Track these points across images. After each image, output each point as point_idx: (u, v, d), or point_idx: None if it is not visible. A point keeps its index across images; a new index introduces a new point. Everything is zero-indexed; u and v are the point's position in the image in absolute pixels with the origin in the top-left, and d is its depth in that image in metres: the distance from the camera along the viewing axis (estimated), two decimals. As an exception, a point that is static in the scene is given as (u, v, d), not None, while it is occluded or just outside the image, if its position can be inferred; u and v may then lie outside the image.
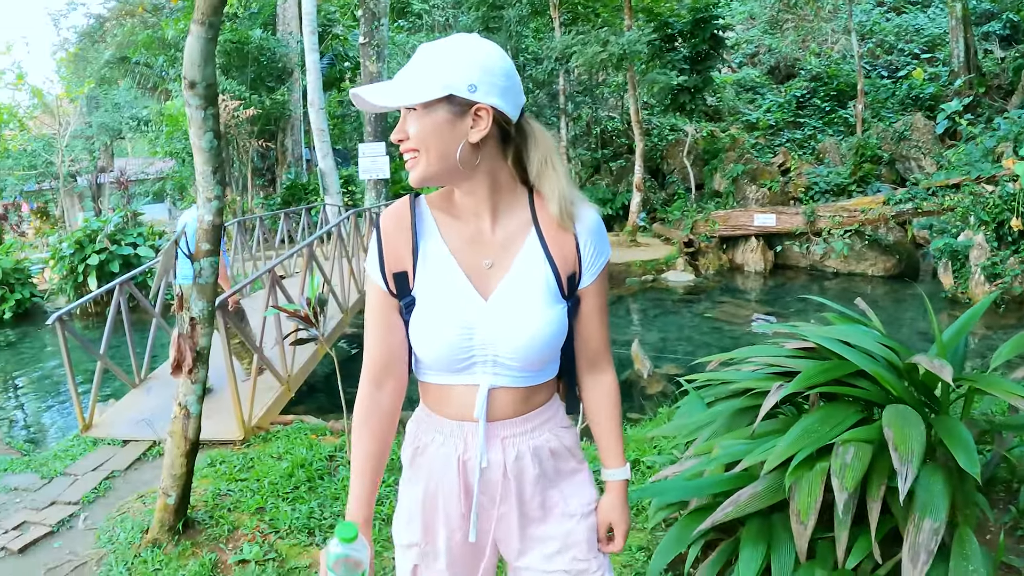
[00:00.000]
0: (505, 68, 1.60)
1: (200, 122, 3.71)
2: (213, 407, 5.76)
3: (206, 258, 3.92)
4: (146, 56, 22.25)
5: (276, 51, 20.93)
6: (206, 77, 3.67)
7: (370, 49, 16.93)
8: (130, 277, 7.92)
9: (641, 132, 17.55)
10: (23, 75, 27.11)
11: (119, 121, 25.75)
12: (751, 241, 16.33)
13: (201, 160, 3.77)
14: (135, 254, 15.81)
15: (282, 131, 22.10)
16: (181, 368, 3.95)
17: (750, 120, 20.16)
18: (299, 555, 3.96)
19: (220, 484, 4.84)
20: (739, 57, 24.24)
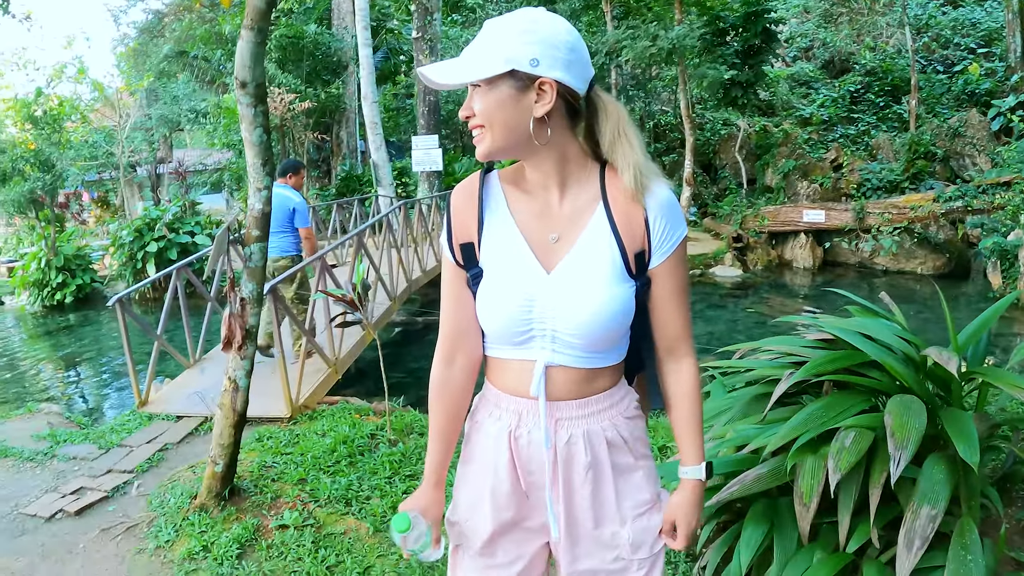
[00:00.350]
0: (569, 41, 1.57)
1: (251, 118, 3.99)
2: (263, 386, 6.06)
3: (256, 243, 4.19)
4: (204, 50, 22.68)
5: (331, 45, 21.22)
6: (256, 77, 3.94)
7: (423, 43, 17.15)
8: (187, 263, 8.26)
9: (692, 126, 17.54)
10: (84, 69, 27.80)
11: (178, 113, 26.32)
12: (800, 237, 16.30)
13: (252, 153, 4.06)
14: (192, 242, 16.27)
15: (337, 123, 22.39)
16: (231, 344, 4.25)
17: (803, 115, 20.00)
18: (335, 522, 4.23)
19: (266, 457, 5.14)
20: (793, 51, 24.00)
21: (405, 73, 25.55)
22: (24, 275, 18.22)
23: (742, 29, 17.16)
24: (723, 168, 20.10)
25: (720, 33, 17.44)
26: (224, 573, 3.81)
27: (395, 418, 5.73)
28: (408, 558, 3.16)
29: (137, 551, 4.22)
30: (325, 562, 3.81)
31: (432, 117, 17.61)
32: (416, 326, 12.18)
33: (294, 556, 3.90)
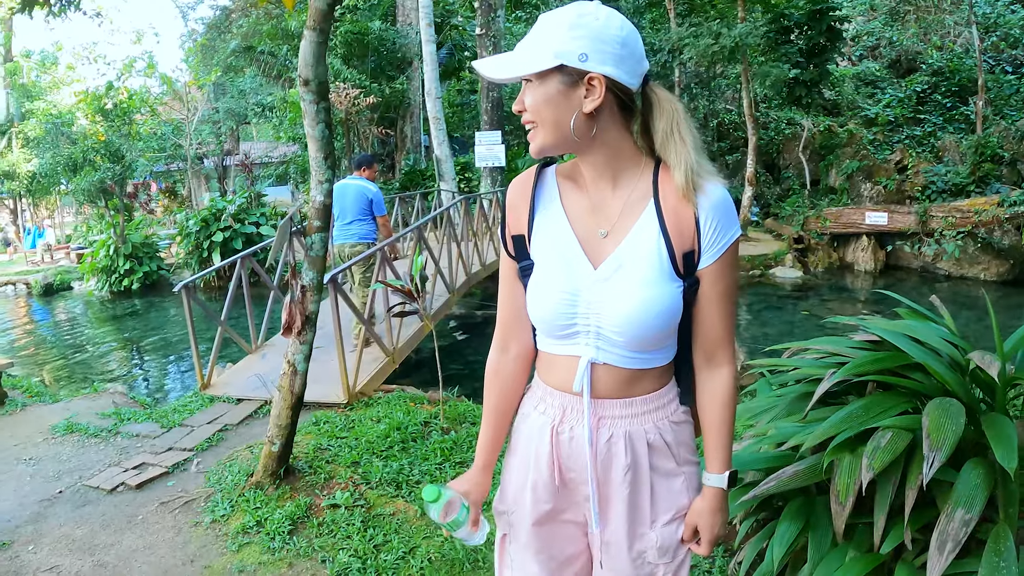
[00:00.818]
0: (620, 36, 1.55)
1: (313, 114, 4.16)
2: (322, 372, 6.25)
3: (317, 233, 4.35)
4: (270, 46, 22.99)
5: (395, 42, 21.41)
6: (318, 75, 4.10)
7: (487, 40, 17.24)
8: (251, 252, 8.50)
9: (755, 126, 17.36)
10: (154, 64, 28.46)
11: (244, 107, 26.74)
12: (862, 240, 16.09)
13: (314, 148, 4.23)
14: (257, 232, 16.65)
15: (402, 118, 22.57)
16: (291, 330, 4.42)
17: (868, 115, 19.67)
18: (385, 504, 4.39)
19: (322, 440, 5.33)
20: (859, 50, 23.55)
21: (469, 69, 25.68)
22: (93, 262, 18.79)
23: (807, 27, 16.96)
24: (786, 168, 19.87)
25: (784, 31, 17.25)
26: (275, 547, 3.99)
27: (449, 407, 5.89)
28: (447, 535, 3.26)
29: (193, 524, 4.43)
30: (372, 541, 3.96)
31: (495, 113, 17.69)
32: (475, 319, 12.32)
33: (343, 534, 4.06)
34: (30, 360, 12.76)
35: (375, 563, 3.74)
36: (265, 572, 3.81)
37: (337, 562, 3.78)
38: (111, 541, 4.40)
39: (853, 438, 2.59)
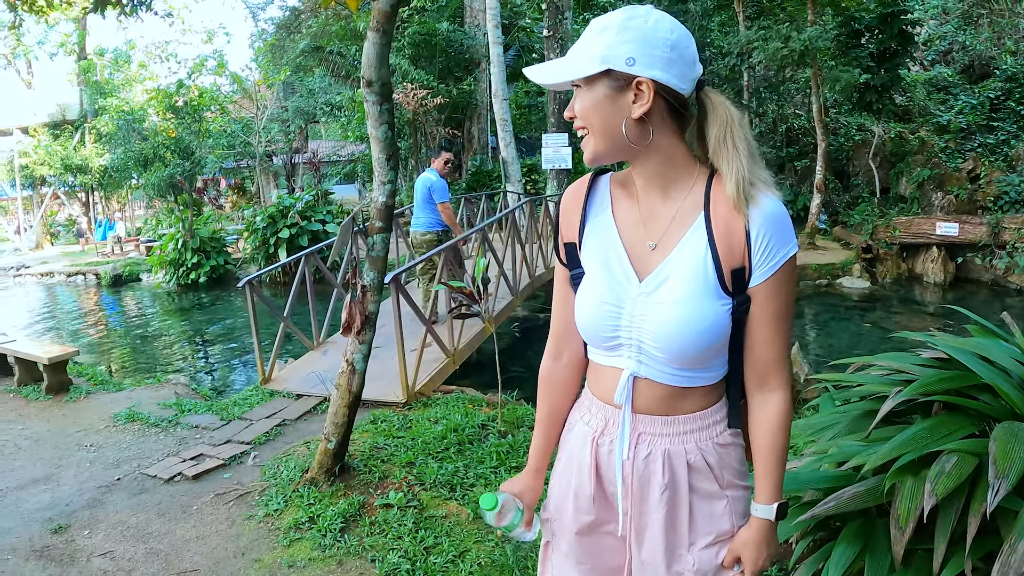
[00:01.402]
0: (670, 39, 1.50)
1: (376, 115, 4.18)
2: (382, 371, 6.29)
3: (379, 234, 4.37)
4: (339, 46, 23.20)
5: (463, 43, 21.49)
6: (381, 77, 4.13)
7: (554, 42, 17.18)
8: (316, 249, 8.61)
9: (824, 131, 17.02)
10: (224, 63, 28.94)
11: (313, 106, 26.99)
12: (932, 250, 15.67)
13: (377, 148, 4.25)
14: (323, 230, 16.80)
15: (469, 119, 22.63)
16: (351, 329, 4.46)
17: (940, 122, 19.15)
18: (438, 506, 4.39)
19: (378, 439, 5.36)
20: (931, 54, 22.93)
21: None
22: (161, 255, 19.22)
23: (878, 31, 16.55)
24: (856, 175, 19.44)
25: (855, 34, 16.88)
26: (326, 544, 4.02)
27: (507, 411, 5.86)
28: (500, 536, 3.25)
29: (247, 516, 4.49)
30: (423, 542, 3.96)
31: (562, 115, 17.65)
32: (538, 322, 12.27)
33: (395, 534, 4.06)
34: (96, 349, 13.10)
35: (424, 565, 3.74)
36: (315, 569, 3.84)
37: (387, 562, 3.79)
38: (165, 530, 4.48)
39: (916, 461, 2.51)
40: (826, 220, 17.89)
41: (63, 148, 31.91)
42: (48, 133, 33.04)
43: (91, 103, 33.06)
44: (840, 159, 19.51)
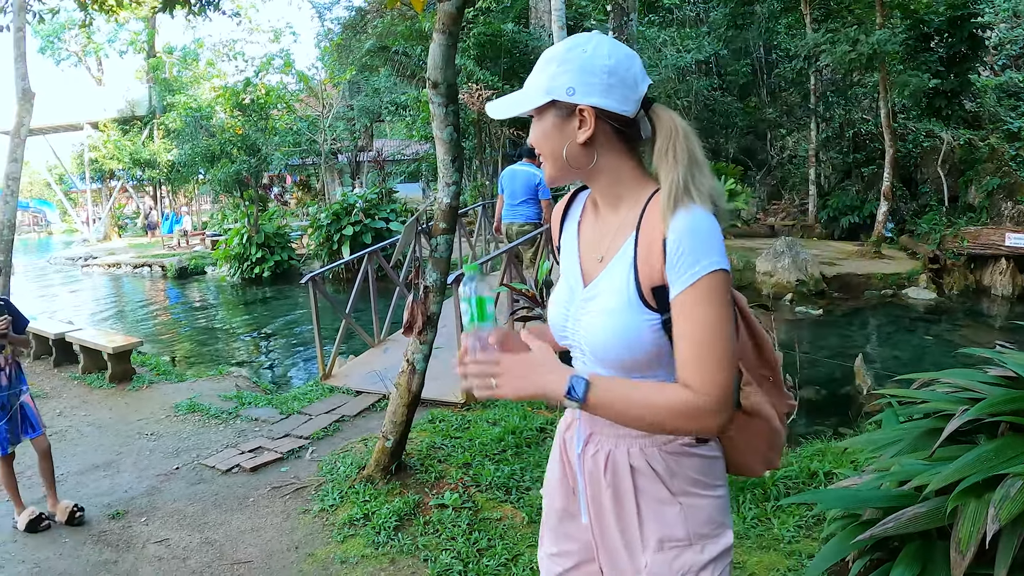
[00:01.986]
0: (608, 65, 1.57)
1: (442, 117, 4.19)
2: (441, 370, 6.32)
3: (443, 235, 4.39)
4: (404, 46, 23.29)
5: (528, 44, 21.46)
6: (447, 78, 4.14)
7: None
8: (380, 247, 8.69)
9: (892, 137, 16.63)
10: (291, 61, 29.34)
11: (378, 105, 27.17)
12: (1000, 262, 15.23)
13: (442, 150, 4.26)
14: (387, 228, 16.91)
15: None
16: (412, 329, 4.48)
17: (1011, 129, 18.61)
18: (493, 508, 4.38)
19: (436, 438, 5.38)
20: (1002, 59, 22.30)
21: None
22: (227, 249, 19.58)
23: (947, 34, 16.17)
24: (924, 183, 18.98)
25: (924, 38, 16.49)
26: (380, 542, 4.04)
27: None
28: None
29: (302, 511, 4.55)
30: (476, 544, 3.95)
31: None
32: (593, 327, 12.26)
33: (448, 535, 4.07)
34: (160, 339, 13.37)
35: (477, 567, 3.73)
36: (367, 566, 3.86)
37: (439, 562, 3.79)
38: (221, 520, 4.56)
39: (980, 483, 2.45)
40: (893, 228, 17.50)
41: (132, 143, 32.67)
42: (117, 128, 33.83)
43: (160, 100, 33.77)
44: (908, 166, 19.07)
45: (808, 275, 13.76)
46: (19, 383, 4.73)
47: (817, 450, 4.97)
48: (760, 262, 14.31)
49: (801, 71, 18.62)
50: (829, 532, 3.33)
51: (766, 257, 14.25)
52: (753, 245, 16.54)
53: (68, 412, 7.10)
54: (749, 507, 4.15)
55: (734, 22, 20.92)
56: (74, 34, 40.31)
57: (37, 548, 4.39)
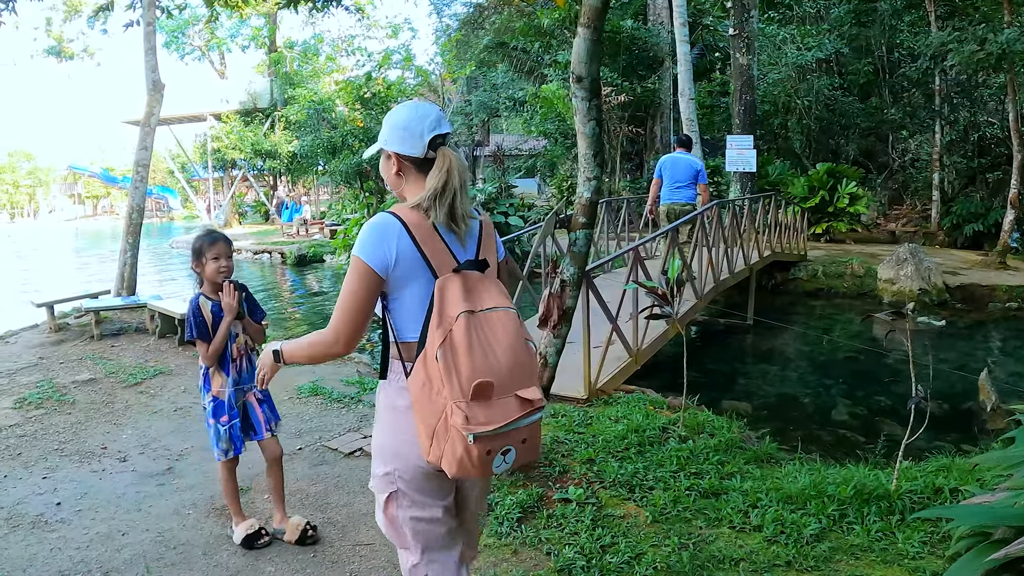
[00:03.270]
0: (403, 121, 2.37)
1: (585, 112, 4.19)
2: (564, 365, 6.32)
3: (582, 230, 4.40)
4: (522, 42, 23.39)
5: (647, 41, 21.33)
6: (591, 73, 4.14)
7: (740, 41, 16.79)
8: (505, 240, 8.72)
9: (1020, 142, 15.83)
10: (411, 56, 29.77)
11: (496, 101, 27.41)
12: None
13: (584, 145, 4.26)
14: (506, 222, 17.10)
15: (651, 118, 22.38)
16: (547, 323, 4.50)
17: None
18: (616, 505, 4.36)
19: (559, 433, 5.38)
20: None
21: (720, 71, 25.18)
22: (345, 238, 20.03)
23: (1079, 34, 15.31)
24: (1054, 189, 18.10)
25: (1056, 37, 15.68)
26: (503, 532, 4.06)
27: (688, 415, 5.77)
28: None
29: (425, 496, 4.59)
30: (600, 541, 3.93)
31: (747, 116, 17.13)
32: (717, 327, 12.12)
33: (571, 529, 4.06)
34: (281, 324, 13.71)
35: (600, 563, 3.71)
36: (489, 555, 3.88)
37: (562, 556, 3.78)
38: (343, 502, 4.65)
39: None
40: (1019, 238, 16.72)
41: (253, 134, 33.70)
42: (239, 120, 34.89)
43: (280, 93, 34.73)
44: (1037, 172, 18.18)
45: (931, 284, 13.29)
46: (249, 379, 4.22)
47: (942, 465, 4.82)
48: (882, 269, 13.89)
49: (926, 71, 17.97)
50: (956, 550, 3.26)
51: (888, 264, 13.83)
52: (873, 251, 16.09)
53: (192, 389, 7.34)
54: (873, 520, 4.05)
55: (856, 19, 20.37)
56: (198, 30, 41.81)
57: (160, 518, 4.54)
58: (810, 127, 21.02)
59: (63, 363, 8.35)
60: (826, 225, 17.81)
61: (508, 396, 2.21)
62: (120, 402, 7.04)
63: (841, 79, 21.14)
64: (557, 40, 22.18)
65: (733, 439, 5.43)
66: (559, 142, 22.18)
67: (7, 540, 4.29)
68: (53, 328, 9.79)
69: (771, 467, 5.08)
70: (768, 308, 13.02)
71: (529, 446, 2.28)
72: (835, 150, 21.30)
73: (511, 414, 2.19)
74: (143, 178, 11.84)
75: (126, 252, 11.34)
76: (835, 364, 10.23)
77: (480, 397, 2.15)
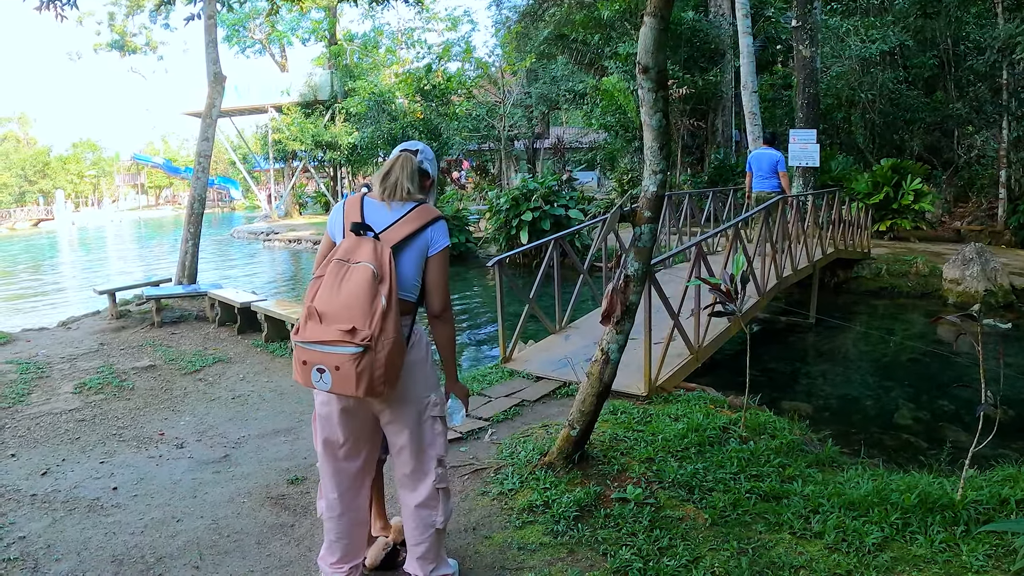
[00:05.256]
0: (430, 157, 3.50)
1: (651, 103, 4.07)
2: (624, 360, 6.21)
3: (647, 224, 4.28)
4: (582, 34, 23.25)
5: (708, 32, 21.02)
6: (658, 63, 4.01)
7: (803, 33, 16.39)
8: (566, 234, 8.65)
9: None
10: (471, 48, 29.76)
11: (556, 93, 27.29)
12: None
13: (650, 137, 4.14)
14: (566, 215, 16.91)
15: (712, 111, 22.09)
16: (610, 318, 4.39)
17: None
18: (674, 507, 4.23)
19: (618, 430, 5.27)
20: None
21: (782, 63, 24.75)
22: (402, 228, 19.99)
23: None
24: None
25: None
26: (559, 531, 3.97)
27: (749, 416, 5.61)
28: None
29: (480, 492, 4.52)
30: (657, 543, 3.83)
31: (810, 110, 16.72)
32: (778, 325, 11.86)
33: (628, 530, 3.96)
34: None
35: (656, 566, 3.61)
36: (545, 554, 3.80)
37: (618, 557, 3.69)
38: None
39: None
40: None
41: (314, 126, 34.00)
42: (300, 112, 35.27)
43: (341, 85, 35.00)
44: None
45: (997, 285, 12.87)
46: None
47: (1008, 475, 4.61)
48: (947, 269, 13.49)
49: (993, 64, 17.43)
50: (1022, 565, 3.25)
51: (954, 264, 13.42)
52: (938, 250, 15.65)
53: (251, 378, 7.42)
54: (937, 530, 3.89)
55: (921, 10, 19.80)
56: (259, 23, 42.38)
57: (215, 506, 4.56)
58: (874, 121, 20.62)
59: (123, 349, 8.49)
60: (890, 222, 17.35)
61: (332, 326, 2.84)
62: (178, 389, 7.13)
63: (905, 72, 20.64)
64: (617, 32, 21.94)
65: (794, 441, 5.28)
66: (620, 135, 21.95)
67: (63, 523, 4.33)
68: (114, 315, 9.96)
69: (833, 471, 4.92)
70: (830, 306, 12.73)
71: (343, 376, 2.82)
72: (899, 145, 20.81)
73: (322, 335, 2.84)
74: (204, 169, 11.99)
75: (187, 241, 11.51)
76: (898, 366, 9.92)
77: (311, 319, 2.89)
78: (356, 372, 2.82)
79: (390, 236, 3.06)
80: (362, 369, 2.83)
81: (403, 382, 3.10)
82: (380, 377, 2.88)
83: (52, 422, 6.15)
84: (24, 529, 4.26)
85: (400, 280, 3.05)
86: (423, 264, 3.16)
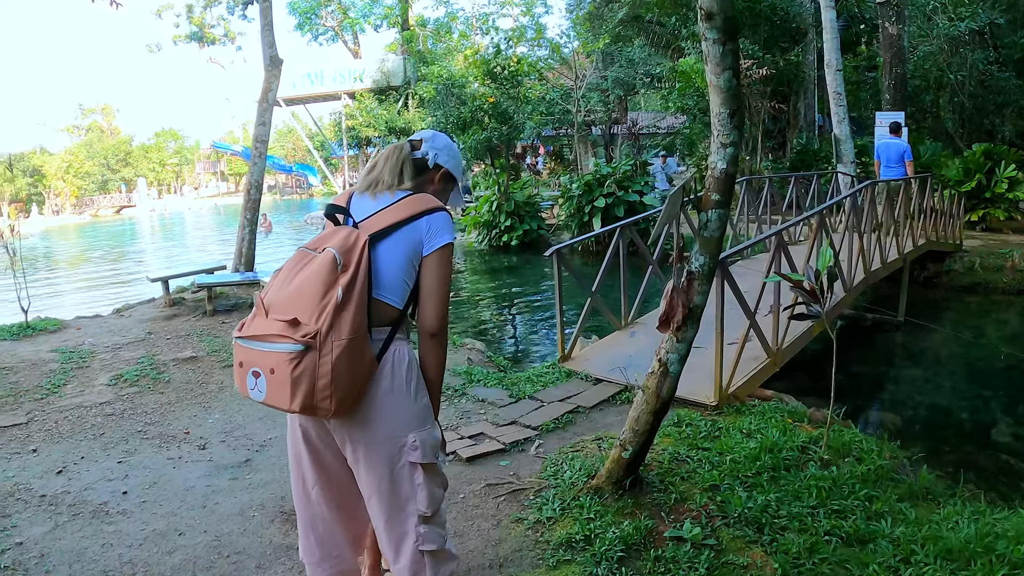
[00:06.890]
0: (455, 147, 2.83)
1: (718, 58, 3.32)
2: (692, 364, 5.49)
3: (715, 210, 3.55)
4: (658, 15, 22.68)
5: (789, 11, 20.04)
6: (724, 9, 3.26)
7: (889, 10, 15.42)
8: (633, 221, 8.12)
9: None
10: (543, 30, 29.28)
11: (632, 76, 26.78)
12: None
13: (718, 101, 3.38)
14: (640, 201, 16.59)
15: (795, 94, 21.07)
16: (669, 323, 3.66)
17: None
18: (739, 550, 3.53)
19: (680, 448, 4.59)
20: None
21: (867, 43, 23.56)
22: (476, 216, 19.95)
23: None
24: None
25: None
26: (599, 574, 3.33)
27: (833, 433, 4.82)
28: None
29: (515, 519, 3.93)
30: (715, 599, 3.16)
31: (897, 92, 15.77)
32: (864, 323, 10.94)
33: (681, 577, 3.29)
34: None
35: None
36: (581, 601, 3.18)
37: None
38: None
39: None
40: None
41: (387, 112, 34.04)
42: (373, 98, 35.35)
43: (414, 71, 35.04)
44: None
45: (1098, 283, 11.89)
46: None
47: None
48: (1047, 264, 12.46)
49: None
50: None
51: (1054, 258, 12.40)
52: (1035, 243, 14.48)
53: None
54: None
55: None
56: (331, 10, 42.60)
57: (223, 519, 4.25)
58: (963, 104, 19.68)
59: (169, 339, 8.29)
60: (982, 212, 16.21)
61: (278, 320, 2.24)
62: (214, 383, 6.88)
63: (996, 52, 19.62)
64: (694, 12, 21.06)
65: (884, 468, 4.47)
66: (698, 119, 21.17)
67: (64, 530, 4.14)
68: (168, 303, 9.81)
69: (927, 505, 4.11)
70: (919, 303, 11.71)
71: (278, 381, 2.21)
72: (990, 130, 19.76)
73: (264, 329, 2.26)
74: (261, 154, 11.71)
75: (243, 228, 11.25)
76: (995, 372, 8.93)
77: (258, 313, 2.33)
78: (292, 377, 2.20)
79: (370, 224, 2.48)
80: (299, 373, 2.20)
81: (370, 412, 2.43)
82: (324, 388, 2.23)
83: (80, 416, 5.99)
84: (24, 534, 4.07)
85: (378, 277, 2.42)
86: (415, 263, 2.49)
